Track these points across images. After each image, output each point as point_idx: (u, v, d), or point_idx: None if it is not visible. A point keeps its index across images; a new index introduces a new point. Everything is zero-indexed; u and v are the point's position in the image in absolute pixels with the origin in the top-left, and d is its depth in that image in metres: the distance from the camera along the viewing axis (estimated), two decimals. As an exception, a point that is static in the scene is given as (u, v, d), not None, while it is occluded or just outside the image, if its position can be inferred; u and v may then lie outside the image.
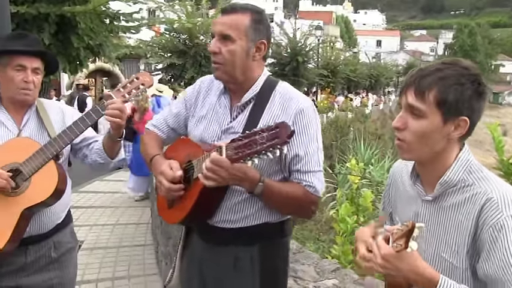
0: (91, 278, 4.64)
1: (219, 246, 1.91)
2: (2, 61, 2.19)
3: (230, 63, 1.84)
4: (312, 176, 1.83)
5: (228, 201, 1.87)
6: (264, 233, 1.89)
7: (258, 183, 1.74)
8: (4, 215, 2.06)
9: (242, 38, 1.82)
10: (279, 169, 1.87)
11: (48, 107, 2.35)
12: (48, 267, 2.31)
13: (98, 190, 8.32)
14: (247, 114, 1.88)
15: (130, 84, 2.18)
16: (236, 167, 1.65)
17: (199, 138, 1.95)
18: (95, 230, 6.16)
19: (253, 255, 1.88)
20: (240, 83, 1.89)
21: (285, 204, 1.85)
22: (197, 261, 2.00)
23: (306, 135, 1.84)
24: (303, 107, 1.85)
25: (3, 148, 2.13)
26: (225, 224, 1.89)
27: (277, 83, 1.93)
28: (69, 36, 6.22)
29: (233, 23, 1.82)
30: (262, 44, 1.87)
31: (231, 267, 1.88)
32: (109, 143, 2.27)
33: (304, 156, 1.83)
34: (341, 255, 3.89)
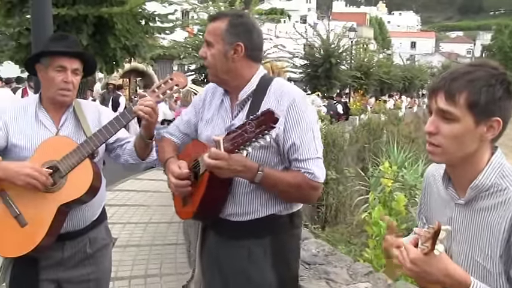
0: (124, 275, 4.72)
1: (233, 240, 2.01)
2: (43, 62, 2.25)
3: (213, 66, 2.02)
4: (310, 162, 1.94)
5: (234, 194, 1.99)
6: (273, 225, 2.00)
7: (258, 172, 1.86)
8: (42, 210, 2.12)
9: (219, 42, 1.98)
10: (280, 160, 1.99)
11: (85, 107, 2.41)
12: (84, 262, 2.37)
13: (132, 189, 8.44)
14: (246, 111, 2.00)
15: (165, 85, 2.23)
16: (234, 157, 1.77)
17: (207, 139, 2.06)
18: (128, 228, 6.26)
19: (265, 248, 1.99)
20: (231, 84, 2.05)
21: (286, 191, 1.95)
22: (215, 256, 2.08)
23: (300, 125, 1.95)
24: (294, 98, 1.97)
25: (42, 146, 2.19)
26: (235, 217, 2.00)
27: (272, 80, 2.05)
28: (106, 37, 6.37)
29: (212, 29, 2.01)
30: (238, 46, 1.98)
31: (246, 260, 1.98)
32: (140, 143, 2.31)
33: (300, 145, 1.94)
34: (373, 259, 3.85)
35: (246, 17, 2.07)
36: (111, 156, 2.44)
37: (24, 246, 2.11)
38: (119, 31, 6.45)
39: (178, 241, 5.88)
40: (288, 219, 2.04)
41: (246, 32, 2.01)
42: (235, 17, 2.01)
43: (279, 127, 1.84)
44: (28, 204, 2.12)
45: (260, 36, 2.08)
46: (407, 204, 4.72)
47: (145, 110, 2.12)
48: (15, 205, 2.12)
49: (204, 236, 2.18)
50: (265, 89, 2.02)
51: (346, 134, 13.58)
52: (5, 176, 2.07)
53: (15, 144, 2.23)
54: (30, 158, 2.17)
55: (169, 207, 7.47)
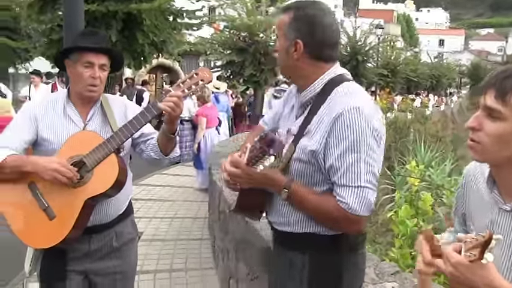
0: (150, 268, 4.77)
1: (279, 247, 1.95)
2: (72, 57, 2.28)
3: (279, 61, 1.90)
4: (347, 190, 1.67)
5: (272, 203, 1.91)
6: (313, 244, 1.82)
7: (283, 189, 1.74)
8: (69, 203, 2.15)
9: (282, 37, 1.84)
10: (324, 179, 1.77)
11: (112, 102, 2.43)
12: (110, 255, 2.40)
13: (157, 183, 8.52)
14: (305, 115, 1.83)
15: (190, 80, 2.21)
16: (251, 170, 1.70)
17: None
18: (154, 222, 6.33)
19: (304, 263, 1.83)
20: (296, 81, 1.92)
21: (315, 215, 1.78)
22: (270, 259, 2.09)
23: (341, 143, 1.68)
24: (344, 111, 1.68)
25: (70, 141, 2.23)
26: (277, 226, 1.93)
27: (340, 84, 1.79)
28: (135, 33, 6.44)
29: (278, 22, 1.86)
30: (297, 44, 1.78)
31: (287, 270, 1.88)
32: (163, 139, 2.32)
33: (339, 167, 1.68)
34: (399, 259, 3.80)
35: (312, 8, 1.79)
36: (136, 151, 2.47)
37: (52, 238, 2.16)
38: (147, 27, 6.52)
39: (203, 236, 5.91)
40: (329, 241, 1.80)
41: (309, 28, 1.77)
42: (299, 10, 1.79)
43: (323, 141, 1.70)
44: (56, 198, 2.16)
45: (329, 30, 1.79)
46: (433, 204, 4.64)
47: (169, 104, 2.11)
48: (43, 198, 2.17)
49: None
50: (328, 94, 1.77)
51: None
52: (33, 170, 2.11)
53: (44, 138, 2.27)
54: (57, 151, 2.21)
55: (194, 202, 7.58)
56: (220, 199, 4.64)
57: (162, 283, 4.56)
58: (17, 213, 2.20)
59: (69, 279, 2.31)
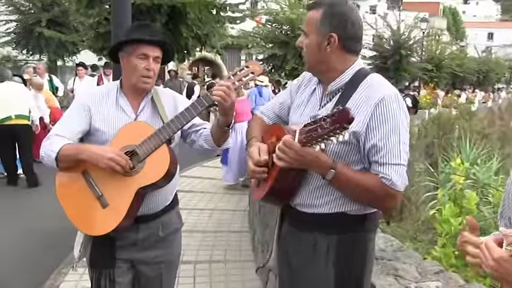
0: (190, 259, 4.85)
1: (301, 231, 1.99)
2: (126, 49, 2.32)
3: (307, 55, 1.99)
4: (390, 168, 1.82)
5: (307, 186, 1.95)
6: (342, 223, 1.93)
7: (330, 169, 1.79)
8: (121, 192, 2.21)
9: (313, 32, 1.93)
10: (359, 159, 1.90)
11: (162, 94, 2.48)
12: (156, 245, 2.45)
13: (198, 175, 8.64)
14: (334, 102, 1.93)
15: (240, 72, 2.23)
16: (306, 150, 1.73)
17: (294, 124, 2.04)
18: (194, 214, 6.43)
19: (330, 245, 1.92)
20: (323, 74, 1.99)
21: (358, 194, 1.88)
22: (285, 244, 2.09)
23: (385, 125, 1.83)
24: (384, 96, 1.85)
25: (122, 131, 2.29)
26: (304, 208, 1.97)
27: (368, 75, 1.96)
28: (179, 26, 6.53)
29: (308, 18, 1.97)
30: (331, 38, 1.90)
31: (310, 253, 1.95)
32: (218, 131, 2.34)
33: (382, 147, 1.82)
34: (442, 258, 3.73)
35: (343, 5, 1.94)
36: (187, 142, 2.50)
37: (105, 226, 2.23)
38: (191, 20, 6.58)
39: (243, 229, 5.96)
40: (359, 221, 1.95)
41: (341, 22, 1.92)
42: (331, 6, 1.92)
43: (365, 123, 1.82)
44: (109, 186, 2.22)
45: (357, 26, 1.95)
46: (478, 203, 4.52)
47: (219, 93, 2.14)
48: (97, 186, 2.24)
49: (281, 222, 2.18)
50: (357, 83, 1.93)
51: (415, 128, 13.18)
52: (88, 158, 2.18)
53: (97, 128, 2.34)
54: (110, 142, 2.27)
55: (234, 195, 7.65)
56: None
57: (201, 273, 4.63)
58: (72, 200, 2.28)
59: (117, 266, 2.38)
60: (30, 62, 17.75)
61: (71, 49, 16.86)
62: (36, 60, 17.73)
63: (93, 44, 8.70)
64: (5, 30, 16.81)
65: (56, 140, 2.25)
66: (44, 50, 16.96)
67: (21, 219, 6.21)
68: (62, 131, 2.31)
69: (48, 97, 9.53)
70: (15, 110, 7.72)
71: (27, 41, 16.91)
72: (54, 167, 2.25)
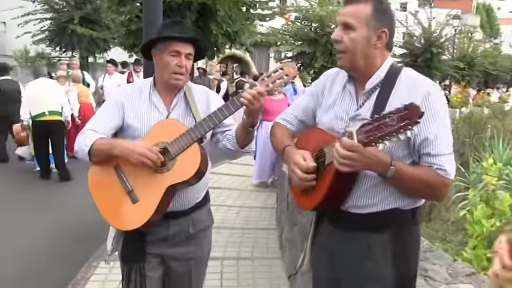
0: (217, 255, 4.85)
1: (351, 233, 1.95)
2: (159, 46, 2.35)
3: (351, 50, 1.91)
4: (443, 158, 1.84)
5: (359, 187, 1.92)
6: (395, 219, 1.92)
7: (390, 167, 1.77)
8: (152, 189, 2.24)
9: (363, 27, 1.88)
10: (408, 153, 1.89)
11: (195, 90, 2.49)
12: (186, 241, 2.47)
13: (226, 172, 8.67)
14: (374, 100, 1.91)
15: (275, 74, 2.22)
16: (368, 150, 1.70)
17: (327, 127, 2.02)
18: (222, 210, 6.45)
19: (385, 243, 1.91)
20: (362, 70, 1.95)
21: (416, 187, 1.87)
22: (327, 248, 2.05)
23: (435, 119, 1.85)
24: (430, 89, 1.88)
25: (154, 128, 2.31)
26: (357, 209, 1.94)
27: (402, 69, 1.97)
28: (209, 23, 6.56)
29: (355, 12, 1.90)
30: (383, 33, 1.90)
31: (365, 255, 1.92)
32: (242, 131, 2.34)
33: (434, 139, 1.84)
34: (473, 260, 3.66)
35: (386, 2, 1.95)
36: (212, 140, 2.51)
37: (135, 221, 2.26)
38: (221, 18, 6.61)
39: (270, 226, 5.96)
40: (411, 214, 1.96)
41: (390, 19, 1.94)
42: (379, 2, 1.91)
43: None
44: (140, 182, 2.25)
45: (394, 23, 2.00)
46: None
47: (249, 98, 2.13)
48: (128, 182, 2.27)
49: (317, 226, 2.15)
50: (394, 79, 1.92)
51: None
52: (120, 153, 2.21)
53: (129, 125, 2.37)
54: (142, 138, 2.30)
55: (262, 192, 7.66)
56: (289, 190, 4.65)
57: (228, 270, 4.65)
58: (103, 194, 2.32)
59: (148, 261, 2.41)
60: (63, 59, 18.17)
61: (102, 46, 17.16)
62: (68, 57, 18.12)
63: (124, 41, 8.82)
64: (40, 28, 17.22)
65: (89, 135, 2.29)
66: (76, 47, 17.30)
67: (53, 213, 6.36)
68: (96, 126, 2.35)
69: (81, 92, 9.73)
70: (49, 106, 7.90)
71: (60, 38, 17.28)
72: (88, 161, 2.30)
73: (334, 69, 2.15)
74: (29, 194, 7.34)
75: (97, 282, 4.28)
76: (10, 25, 18.75)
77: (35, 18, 16.89)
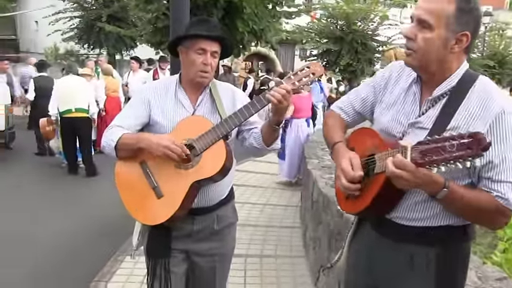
0: (241, 252, 4.86)
1: (394, 242, 1.85)
2: (185, 44, 2.36)
3: (424, 51, 1.72)
4: (505, 186, 1.65)
5: (408, 200, 1.79)
6: (445, 236, 1.78)
7: (443, 189, 1.61)
8: (176, 185, 2.24)
9: (441, 27, 1.67)
10: (467, 173, 1.71)
11: (221, 88, 2.49)
12: (210, 237, 2.48)
13: (250, 170, 8.67)
14: (439, 109, 1.74)
15: (301, 73, 2.20)
16: (422, 172, 1.55)
17: (384, 127, 1.89)
18: (246, 208, 6.45)
19: (429, 257, 1.78)
20: (433, 73, 1.77)
21: (468, 213, 1.71)
22: (367, 251, 1.97)
23: (505, 142, 1.65)
24: (505, 108, 1.66)
25: (180, 125, 2.32)
26: (403, 221, 1.82)
27: (477, 77, 1.75)
28: (235, 21, 6.57)
29: (435, 9, 1.68)
30: (464, 36, 1.69)
31: (407, 266, 1.81)
32: (267, 129, 2.33)
33: (499, 164, 1.65)
34: (504, 263, 3.57)
35: (474, 2, 1.71)
36: (238, 139, 2.51)
37: (159, 216, 2.27)
38: (248, 15, 6.61)
39: (294, 224, 5.94)
40: (462, 231, 1.80)
41: (475, 21, 1.71)
42: (467, 2, 1.68)
43: None
44: (165, 178, 2.26)
45: None
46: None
47: (276, 96, 2.11)
48: (153, 177, 2.28)
49: (358, 227, 2.07)
50: (467, 88, 1.72)
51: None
52: (146, 146, 2.23)
53: (156, 121, 2.38)
54: (168, 135, 2.30)
55: (287, 190, 7.62)
56: (314, 188, 4.63)
57: (252, 267, 4.64)
58: (128, 189, 2.34)
59: (173, 256, 2.42)
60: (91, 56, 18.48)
61: (129, 43, 17.39)
62: (96, 54, 18.43)
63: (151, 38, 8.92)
64: (69, 26, 17.56)
65: (116, 130, 2.32)
66: (103, 44, 17.59)
67: (80, 207, 6.46)
68: (122, 122, 2.37)
69: (110, 85, 9.87)
70: (76, 103, 8.03)
71: (88, 36, 17.59)
72: (114, 156, 2.32)
73: (401, 63, 1.95)
74: (57, 189, 7.48)
75: (123, 276, 4.32)
76: (42, 24, 19.19)
77: (64, 16, 17.25)
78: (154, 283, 2.43)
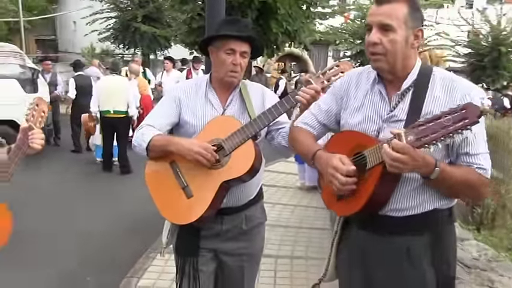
0: (271, 253, 4.86)
1: (388, 237, 1.91)
2: (215, 44, 2.38)
3: (391, 53, 1.84)
4: (482, 157, 1.83)
5: (401, 190, 1.87)
6: (433, 220, 1.89)
7: (435, 168, 1.72)
8: (206, 185, 2.26)
9: (402, 27, 1.82)
10: (446, 154, 1.86)
11: (251, 88, 2.50)
12: (239, 237, 2.48)
13: (281, 170, 8.64)
14: (409, 101, 1.87)
15: (330, 72, 2.20)
16: (419, 153, 1.65)
17: (356, 129, 1.95)
18: (277, 208, 6.44)
19: (425, 245, 1.87)
20: (397, 72, 1.89)
21: (458, 188, 1.84)
22: (359, 252, 1.99)
23: None
24: (469, 90, 1.84)
25: (210, 125, 2.33)
26: (395, 212, 1.89)
27: (432, 68, 1.92)
28: (269, 22, 6.57)
29: (392, 12, 1.82)
30: (419, 32, 1.86)
31: (404, 258, 1.88)
32: None
33: (472, 139, 1.81)
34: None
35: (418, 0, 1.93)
36: (267, 138, 2.51)
37: (188, 216, 2.29)
38: (282, 16, 6.60)
39: (325, 226, 5.88)
40: (448, 214, 1.94)
41: (421, 16, 1.90)
42: (412, 0, 1.85)
43: None
44: (194, 178, 2.28)
45: None
46: None
47: (305, 96, 2.12)
48: (183, 177, 2.30)
49: (343, 232, 2.10)
50: (427, 79, 1.88)
51: (513, 131, 12.29)
52: (176, 150, 2.25)
53: (186, 121, 2.41)
54: (197, 134, 2.33)
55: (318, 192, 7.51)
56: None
57: (282, 268, 4.63)
58: (159, 189, 2.37)
59: (201, 255, 2.44)
60: (126, 56, 18.82)
61: (163, 43, 17.62)
62: (131, 54, 18.75)
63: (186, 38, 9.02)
64: (105, 26, 17.93)
65: (147, 131, 2.34)
66: (138, 44, 17.87)
67: (113, 204, 6.59)
68: (153, 121, 2.40)
69: (141, 84, 10.05)
70: (114, 105, 8.19)
71: (124, 36, 17.92)
72: (145, 155, 2.36)
73: (356, 70, 2.10)
74: (91, 186, 7.65)
75: (154, 273, 4.38)
76: (79, 24, 19.71)
77: (101, 17, 17.63)
78: (183, 281, 2.45)
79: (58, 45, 26.79)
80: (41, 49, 21.60)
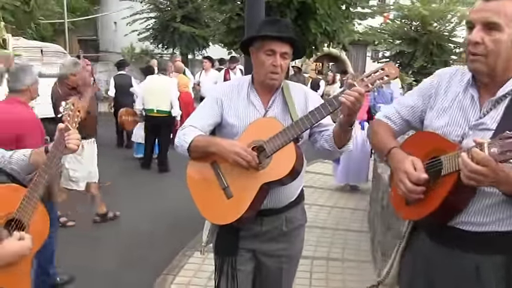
0: (307, 254, 4.79)
1: (458, 251, 1.75)
2: (256, 45, 2.37)
3: (493, 53, 1.67)
4: None
5: (476, 203, 1.70)
6: (509, 241, 1.68)
7: None
8: (246, 186, 2.26)
9: (509, 25, 1.64)
10: None
11: (293, 89, 2.48)
12: (278, 238, 2.48)
13: (319, 171, 8.60)
14: (503, 109, 1.69)
15: (374, 75, 2.14)
16: (502, 167, 1.49)
17: (439, 132, 1.83)
18: (313, 209, 6.40)
19: (498, 268, 1.68)
20: (497, 75, 1.72)
21: None
22: (424, 262, 1.88)
23: None
24: None
25: (252, 126, 2.33)
26: (469, 226, 1.73)
27: None
28: (308, 22, 6.54)
29: (501, 8, 1.64)
30: None
31: (471, 277, 1.72)
32: (339, 131, 2.27)
33: None
34: None
35: None
36: (310, 140, 2.48)
37: (228, 216, 2.30)
38: (321, 16, 6.57)
39: (362, 229, 5.83)
40: None
41: None
42: None
43: None
44: (235, 179, 2.28)
45: None
46: None
47: (349, 99, 2.05)
48: (224, 178, 2.31)
49: (411, 237, 2.00)
50: None
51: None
52: (217, 151, 2.26)
53: (228, 122, 2.42)
54: (239, 136, 2.33)
55: (355, 194, 7.48)
56: (384, 192, 4.52)
57: (318, 270, 4.61)
58: (199, 188, 2.39)
59: (240, 255, 2.45)
60: (165, 56, 19.10)
61: (201, 43, 17.79)
62: (169, 54, 19.02)
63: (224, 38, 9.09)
64: (145, 26, 18.26)
65: (189, 132, 2.36)
66: (176, 44, 18.10)
67: (151, 201, 6.69)
68: (195, 122, 2.42)
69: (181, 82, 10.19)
70: (158, 105, 8.33)
71: (163, 36, 18.18)
72: (187, 156, 2.38)
73: (450, 69, 1.96)
74: (130, 182, 7.77)
75: (190, 271, 4.43)
76: (120, 24, 20.11)
77: (141, 17, 17.95)
78: (221, 279, 2.47)
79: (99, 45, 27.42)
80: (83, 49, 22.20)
